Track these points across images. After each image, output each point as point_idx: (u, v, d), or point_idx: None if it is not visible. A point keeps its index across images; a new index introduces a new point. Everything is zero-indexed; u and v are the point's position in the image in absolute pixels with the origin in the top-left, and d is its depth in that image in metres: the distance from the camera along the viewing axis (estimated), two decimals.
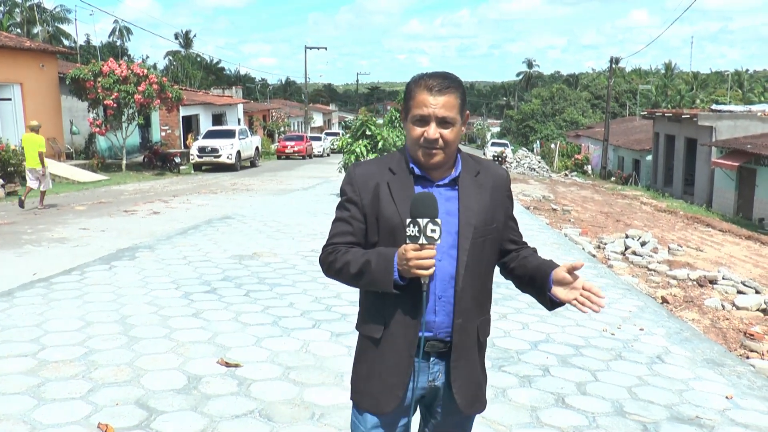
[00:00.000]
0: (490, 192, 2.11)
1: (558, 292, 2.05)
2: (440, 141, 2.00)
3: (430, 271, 1.88)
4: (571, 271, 2.03)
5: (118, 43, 70.93)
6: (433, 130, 1.99)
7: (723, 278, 8.87)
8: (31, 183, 13.80)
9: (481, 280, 2.10)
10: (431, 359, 2.08)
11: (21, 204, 13.87)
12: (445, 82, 2.00)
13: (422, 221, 1.87)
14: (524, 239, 2.34)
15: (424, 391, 2.12)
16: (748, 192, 24.63)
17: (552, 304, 2.10)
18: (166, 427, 3.67)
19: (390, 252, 1.95)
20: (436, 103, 1.98)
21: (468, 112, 2.11)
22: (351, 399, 2.19)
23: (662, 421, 3.94)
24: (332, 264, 2.07)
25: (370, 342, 2.11)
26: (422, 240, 1.87)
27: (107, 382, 4.27)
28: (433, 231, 1.86)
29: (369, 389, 2.10)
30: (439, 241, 1.88)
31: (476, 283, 2.08)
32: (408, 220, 1.89)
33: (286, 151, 39.03)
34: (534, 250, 2.26)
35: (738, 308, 7.49)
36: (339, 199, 2.16)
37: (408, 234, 1.88)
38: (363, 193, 2.07)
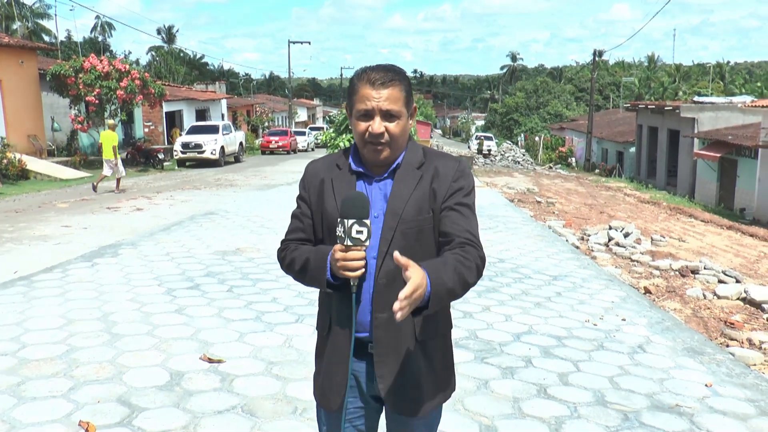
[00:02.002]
0: (431, 180, 2.00)
1: None
2: (386, 135, 1.94)
3: (357, 273, 1.81)
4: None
5: (99, 39, 70.29)
6: (377, 124, 1.92)
7: (705, 268, 8.96)
8: (106, 171, 16.46)
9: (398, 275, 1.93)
10: (364, 361, 2.05)
11: (94, 188, 16.30)
12: (388, 74, 1.94)
13: (347, 222, 1.79)
14: (506, 236, 2.26)
15: (377, 393, 2.08)
16: (729, 182, 24.88)
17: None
18: (148, 424, 3.65)
19: (326, 251, 1.92)
20: (380, 96, 1.91)
21: (415, 105, 2.05)
22: (313, 395, 2.22)
23: (643, 410, 3.97)
24: (283, 261, 2.10)
25: (321, 339, 2.16)
26: (347, 242, 1.80)
27: (89, 380, 4.24)
28: (359, 233, 1.78)
29: (321, 386, 2.14)
30: (367, 244, 1.80)
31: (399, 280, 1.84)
32: (339, 220, 1.82)
33: (271, 146, 38.86)
34: (460, 254, 1.89)
35: (719, 297, 7.56)
36: None
37: (337, 234, 1.83)
38: (310, 189, 2.10)
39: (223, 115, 42.50)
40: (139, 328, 5.32)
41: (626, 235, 11.35)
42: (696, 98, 33.83)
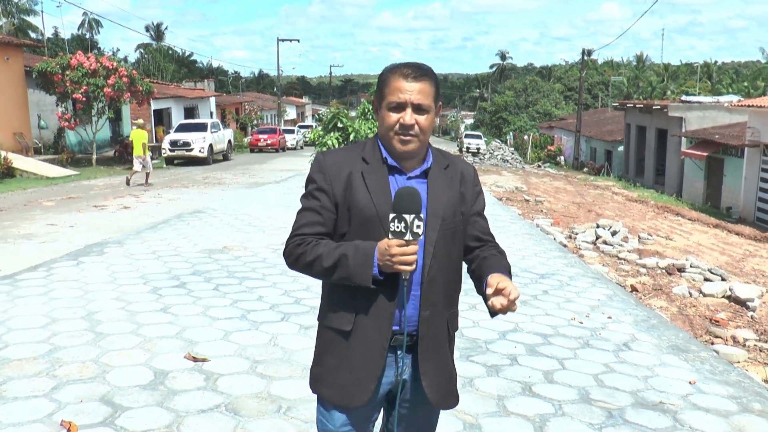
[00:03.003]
0: (459, 185, 2.10)
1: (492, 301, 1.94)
2: (416, 127, 1.99)
3: (413, 266, 1.87)
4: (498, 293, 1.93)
5: (87, 36, 69.78)
6: (409, 116, 1.97)
7: (691, 266, 9.02)
8: (137, 166, 18.01)
9: (450, 272, 2.09)
10: (399, 353, 2.06)
11: (127, 182, 17.90)
12: (420, 70, 2.01)
13: (409, 217, 1.84)
14: (494, 234, 2.28)
15: (390, 386, 2.10)
16: (716, 181, 25.03)
17: (491, 312, 2.00)
18: (131, 423, 3.62)
19: (369, 246, 1.92)
20: (412, 89, 1.97)
21: (440, 103, 2.09)
22: (316, 392, 2.13)
23: (627, 408, 3.99)
24: (301, 256, 2.01)
25: (338, 334, 2.06)
26: (408, 236, 1.84)
27: (72, 379, 4.21)
28: (418, 227, 1.85)
29: (339, 382, 2.05)
30: (422, 237, 1.88)
31: (445, 275, 2.06)
32: (392, 215, 1.85)
33: (259, 144, 38.75)
34: (498, 252, 2.17)
35: (704, 295, 7.61)
36: (305, 188, 2.11)
37: (392, 229, 1.85)
38: (335, 181, 2.02)
39: (211, 113, 42.33)
40: (124, 326, 5.28)
41: (614, 234, 11.40)
42: (684, 98, 33.98)
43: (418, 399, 2.13)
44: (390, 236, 1.87)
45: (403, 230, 1.84)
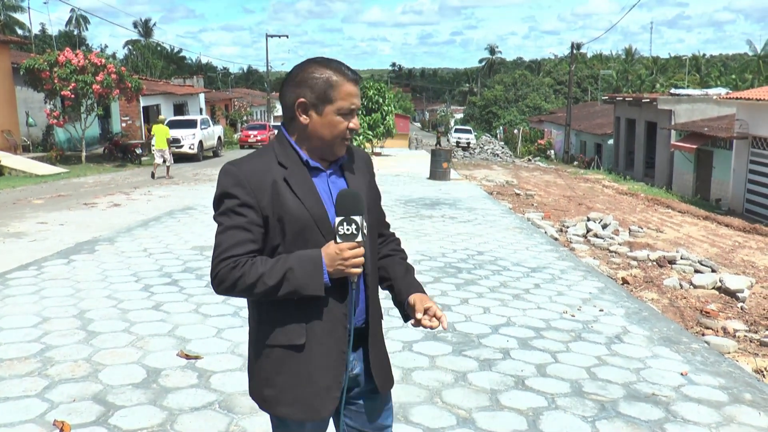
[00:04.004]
0: (364, 174, 2.10)
1: (410, 312, 2.07)
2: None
3: (361, 268, 1.88)
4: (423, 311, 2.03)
5: (75, 33, 69.34)
6: (358, 120, 1.97)
7: (681, 258, 9.06)
8: (158, 160, 19.15)
9: (376, 259, 2.11)
10: (351, 351, 2.03)
11: (152, 176, 18.92)
12: (357, 72, 1.99)
13: (358, 219, 1.82)
14: (486, 229, 2.28)
15: (347, 384, 2.06)
16: (705, 173, 25.17)
17: (407, 317, 2.13)
18: (124, 422, 3.61)
19: (314, 254, 1.85)
20: (359, 95, 1.97)
21: None
22: (272, 412, 2.02)
23: (619, 400, 4.01)
24: (240, 280, 1.84)
25: (290, 350, 1.94)
26: (360, 237, 1.83)
27: (64, 379, 4.19)
28: (366, 228, 1.86)
29: (301, 397, 1.95)
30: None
31: (376, 263, 2.09)
32: (340, 219, 1.82)
33: (249, 140, 38.56)
34: (401, 258, 2.22)
35: (695, 287, 7.65)
36: (221, 205, 1.95)
37: (341, 233, 1.82)
38: (259, 193, 1.88)
39: (201, 110, 42.18)
40: (116, 325, 5.26)
41: (604, 227, 11.44)
42: (673, 90, 34.13)
43: (371, 391, 2.11)
44: (339, 240, 1.83)
45: (354, 232, 1.82)
